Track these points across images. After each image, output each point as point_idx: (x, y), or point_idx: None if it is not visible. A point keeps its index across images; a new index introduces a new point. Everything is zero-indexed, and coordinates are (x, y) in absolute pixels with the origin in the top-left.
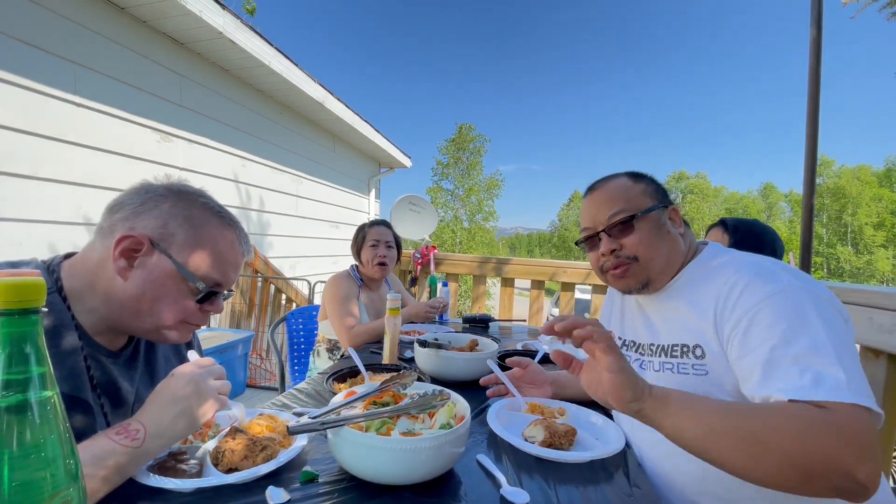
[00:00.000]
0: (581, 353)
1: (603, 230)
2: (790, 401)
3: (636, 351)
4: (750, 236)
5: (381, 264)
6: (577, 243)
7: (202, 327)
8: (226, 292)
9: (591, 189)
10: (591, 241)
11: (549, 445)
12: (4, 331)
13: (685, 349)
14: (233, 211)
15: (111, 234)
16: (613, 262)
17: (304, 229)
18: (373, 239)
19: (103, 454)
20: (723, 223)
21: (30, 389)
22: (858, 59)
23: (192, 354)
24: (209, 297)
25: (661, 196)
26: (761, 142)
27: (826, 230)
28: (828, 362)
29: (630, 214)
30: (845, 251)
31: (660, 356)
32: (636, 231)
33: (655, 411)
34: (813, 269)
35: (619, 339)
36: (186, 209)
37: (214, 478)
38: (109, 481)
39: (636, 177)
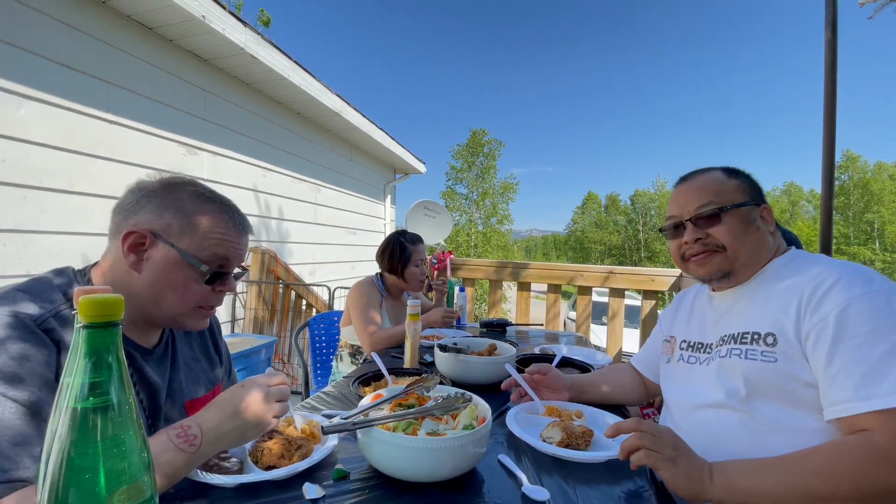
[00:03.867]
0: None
1: (689, 219)
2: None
3: (702, 351)
4: None
5: (421, 282)
6: (660, 230)
7: (217, 308)
8: (236, 271)
9: (683, 179)
10: (675, 229)
11: (567, 446)
12: (91, 341)
13: (756, 336)
14: (254, 220)
15: (118, 233)
16: (697, 249)
17: (322, 236)
18: (418, 259)
19: (163, 453)
20: None
21: (112, 391)
22: (886, 50)
23: (270, 371)
24: (217, 277)
25: (755, 194)
26: (785, 138)
27: (852, 228)
28: None
29: (719, 207)
30: (866, 251)
31: (729, 344)
32: (723, 223)
33: (726, 496)
34: None
35: (684, 341)
36: (178, 199)
37: (256, 474)
38: (168, 478)
39: (731, 172)
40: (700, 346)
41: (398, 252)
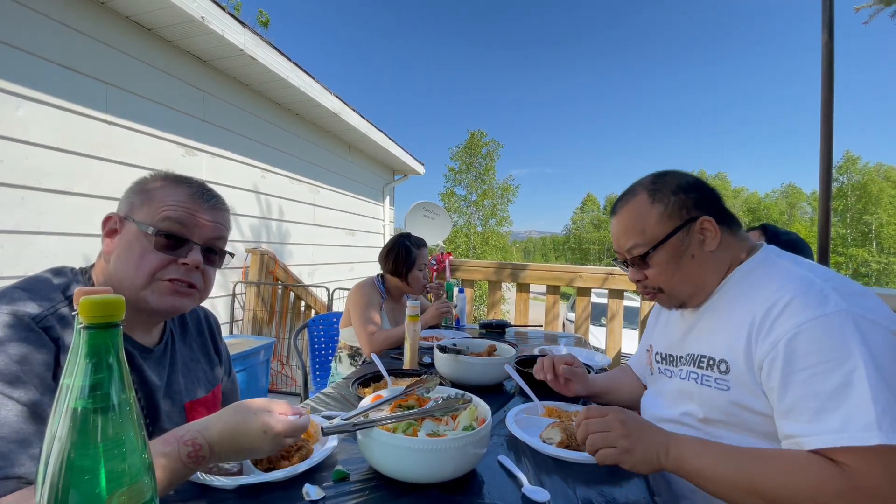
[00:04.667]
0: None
1: (625, 262)
2: (813, 452)
3: (673, 364)
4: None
5: (423, 286)
6: (614, 260)
7: (192, 288)
8: (206, 247)
9: (613, 211)
10: (624, 263)
11: (567, 447)
12: (91, 342)
13: (711, 362)
14: (253, 221)
15: None
16: (642, 290)
17: (321, 237)
18: (422, 263)
19: (169, 461)
20: (764, 228)
21: (112, 392)
22: (886, 54)
23: (303, 415)
24: (166, 239)
25: (686, 210)
26: (783, 140)
27: (849, 229)
28: (861, 399)
29: (644, 250)
30: (863, 252)
31: (689, 365)
32: (652, 266)
33: (676, 471)
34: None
35: (658, 353)
36: (144, 182)
37: (255, 476)
38: (169, 485)
39: (656, 191)
40: (671, 358)
41: (403, 255)
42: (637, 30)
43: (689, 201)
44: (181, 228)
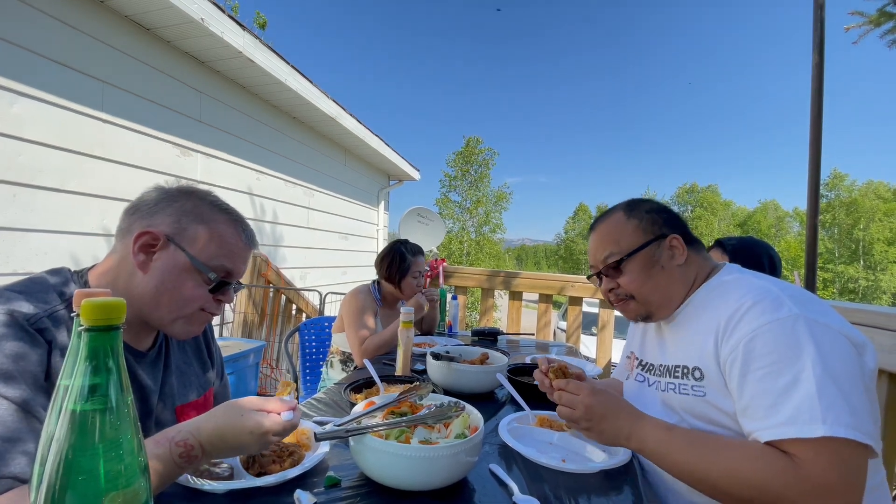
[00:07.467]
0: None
1: (599, 272)
2: (767, 444)
3: (650, 372)
4: (745, 252)
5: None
6: (588, 277)
7: (215, 316)
8: (236, 284)
9: (592, 228)
10: (597, 276)
11: None
12: (91, 344)
13: (685, 371)
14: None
15: (129, 232)
16: (613, 298)
17: (315, 241)
18: (416, 270)
19: (161, 462)
20: (720, 244)
21: (111, 394)
22: (873, 73)
23: (286, 414)
24: (221, 286)
25: (658, 227)
26: (772, 153)
27: (837, 245)
28: (808, 395)
29: (619, 258)
30: (850, 269)
31: (666, 377)
32: (626, 273)
33: (639, 452)
34: (823, 287)
35: (638, 359)
36: (197, 207)
37: (247, 481)
38: (161, 484)
39: (632, 210)
40: (650, 367)
41: (398, 261)
42: (634, 44)
43: (660, 220)
44: (230, 275)
